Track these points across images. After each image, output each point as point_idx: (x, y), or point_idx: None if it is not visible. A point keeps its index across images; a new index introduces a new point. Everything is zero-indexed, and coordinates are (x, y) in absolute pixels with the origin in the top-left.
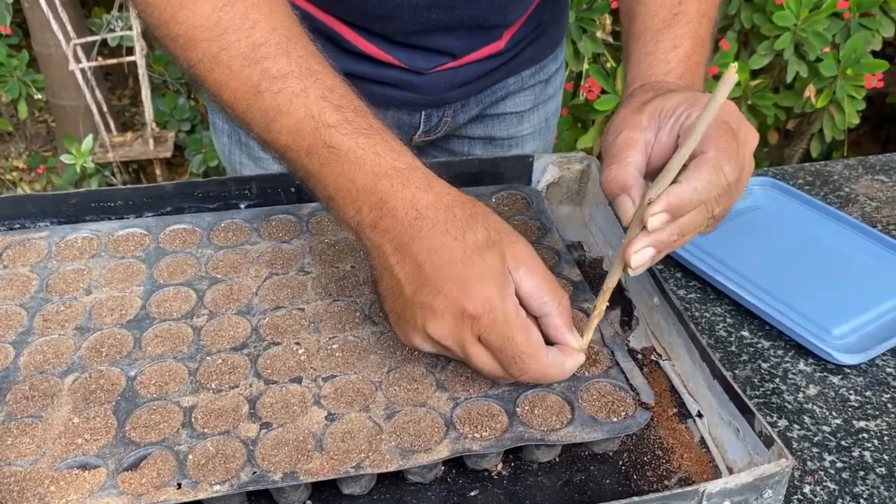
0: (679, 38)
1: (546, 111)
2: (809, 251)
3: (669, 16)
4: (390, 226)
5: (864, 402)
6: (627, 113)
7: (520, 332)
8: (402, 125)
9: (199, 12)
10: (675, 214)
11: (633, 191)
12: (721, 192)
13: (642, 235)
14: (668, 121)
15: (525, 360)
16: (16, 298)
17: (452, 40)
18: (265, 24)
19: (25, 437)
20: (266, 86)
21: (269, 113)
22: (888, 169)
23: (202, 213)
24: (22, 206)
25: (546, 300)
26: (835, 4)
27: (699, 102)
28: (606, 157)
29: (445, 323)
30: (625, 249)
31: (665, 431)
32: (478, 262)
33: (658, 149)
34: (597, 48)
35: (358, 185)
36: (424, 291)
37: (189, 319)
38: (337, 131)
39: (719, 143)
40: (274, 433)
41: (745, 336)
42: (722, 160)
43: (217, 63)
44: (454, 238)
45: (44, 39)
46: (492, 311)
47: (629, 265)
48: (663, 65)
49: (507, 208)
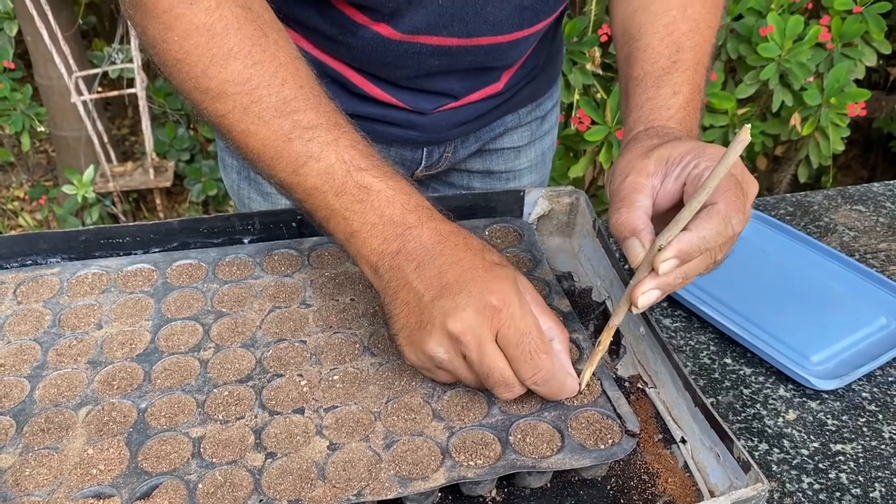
0: (678, 85)
1: (542, 146)
2: (790, 281)
3: (668, 63)
4: (414, 249)
5: (840, 426)
6: (633, 157)
7: (536, 329)
8: (406, 161)
9: (230, 69)
10: (684, 260)
11: (642, 235)
12: (725, 241)
13: (650, 278)
14: (675, 168)
15: (540, 356)
16: (30, 333)
17: (453, 83)
18: (293, 81)
19: (42, 468)
20: (297, 135)
21: (299, 159)
22: (866, 199)
23: (207, 249)
24: (34, 242)
25: (552, 325)
26: (817, 35)
27: (705, 153)
28: (615, 199)
29: (467, 316)
30: (633, 290)
31: (651, 457)
32: (497, 270)
33: (664, 194)
34: (587, 80)
35: (386, 218)
36: (447, 294)
37: (196, 353)
38: (368, 174)
39: (728, 195)
40: (279, 462)
41: (727, 363)
42: (731, 212)
43: (248, 114)
44: (475, 254)
45: (46, 72)
46: (511, 306)
47: (635, 305)
48: (664, 110)
49: (499, 240)
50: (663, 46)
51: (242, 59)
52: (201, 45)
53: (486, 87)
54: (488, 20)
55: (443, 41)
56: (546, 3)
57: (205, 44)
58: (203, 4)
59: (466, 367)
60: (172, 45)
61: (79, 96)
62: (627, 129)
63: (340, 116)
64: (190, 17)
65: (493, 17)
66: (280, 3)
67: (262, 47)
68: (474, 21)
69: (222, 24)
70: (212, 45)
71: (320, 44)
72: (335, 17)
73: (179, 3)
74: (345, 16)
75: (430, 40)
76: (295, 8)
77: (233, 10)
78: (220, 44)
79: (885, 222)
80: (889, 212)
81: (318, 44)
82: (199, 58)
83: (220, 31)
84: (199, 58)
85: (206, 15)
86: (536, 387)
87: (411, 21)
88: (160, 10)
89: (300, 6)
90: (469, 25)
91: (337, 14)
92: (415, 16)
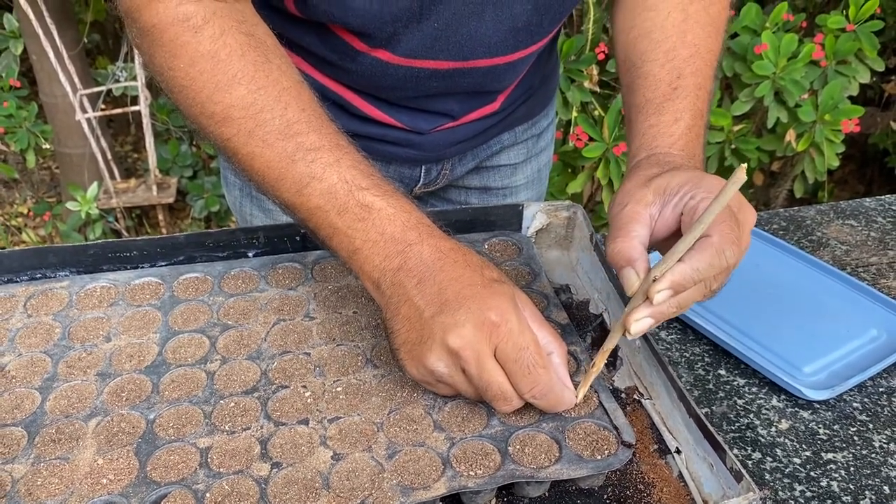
0: (680, 112)
1: (538, 163)
2: (783, 294)
3: (669, 90)
4: (415, 265)
5: (832, 436)
6: (632, 187)
7: (534, 344)
8: (404, 178)
9: (235, 94)
10: (677, 291)
11: (637, 264)
12: (719, 272)
13: (644, 307)
14: (672, 198)
15: (538, 370)
16: (40, 346)
17: (451, 104)
18: (296, 105)
19: (54, 477)
20: (300, 156)
21: (302, 179)
22: (858, 214)
23: (213, 262)
24: (44, 256)
25: (550, 340)
26: (811, 53)
27: (702, 184)
28: (613, 227)
29: (466, 331)
30: (626, 317)
31: (646, 467)
32: (496, 286)
33: (661, 223)
34: (584, 97)
35: (387, 235)
36: (446, 310)
37: (203, 365)
38: (370, 193)
39: (722, 228)
40: (284, 472)
41: (722, 374)
42: (724, 245)
43: (252, 137)
44: (474, 271)
45: (51, 90)
46: (510, 322)
47: (629, 332)
48: (666, 137)
49: (498, 254)
50: (664, 73)
51: (246, 84)
52: (206, 72)
53: (483, 108)
54: (483, 43)
55: (440, 64)
56: (540, 25)
57: (209, 70)
58: (207, 32)
59: (466, 380)
60: (178, 72)
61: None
62: (631, 157)
63: (342, 138)
64: (195, 45)
65: (487, 40)
66: (283, 29)
67: (265, 72)
68: (469, 44)
69: (226, 50)
70: (216, 72)
71: (322, 68)
72: (335, 44)
73: (185, 32)
74: (344, 42)
75: (427, 64)
76: (297, 34)
77: (236, 37)
78: (224, 70)
79: (877, 237)
80: (880, 226)
81: (320, 68)
82: (205, 84)
83: (225, 57)
84: (204, 84)
85: (210, 42)
86: (535, 400)
87: (408, 45)
88: (166, 38)
89: (302, 32)
90: (465, 48)
91: (337, 40)
92: (411, 40)
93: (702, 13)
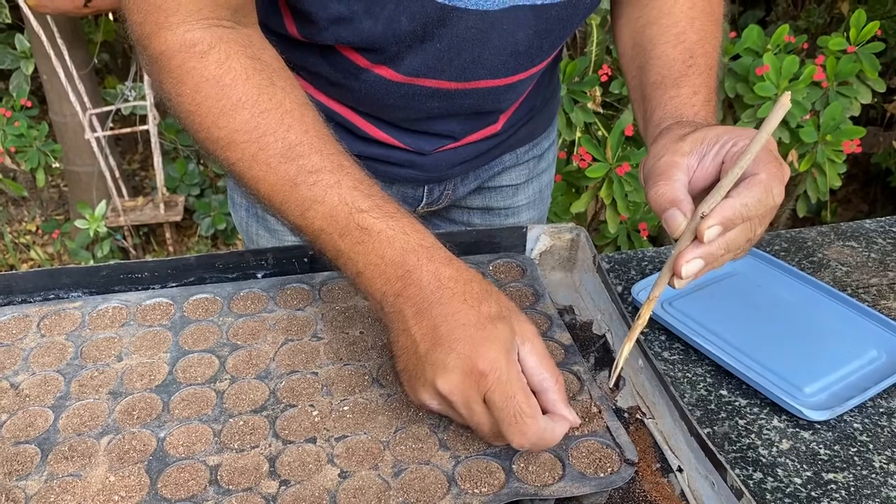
0: (697, 86)
1: (540, 183)
2: (784, 315)
3: (684, 67)
4: (413, 293)
5: (832, 456)
6: (667, 142)
7: (521, 393)
8: (407, 198)
9: (238, 118)
10: (727, 227)
11: (682, 205)
12: (765, 212)
13: (693, 247)
14: (712, 148)
15: (525, 419)
16: (53, 365)
17: (453, 125)
18: (298, 127)
19: (67, 494)
20: (302, 179)
21: (305, 202)
22: (858, 235)
23: (223, 283)
24: (57, 277)
25: (546, 376)
26: (812, 75)
27: (743, 133)
28: (651, 177)
29: (455, 378)
30: (676, 260)
31: (649, 485)
32: (490, 328)
33: (701, 174)
34: (588, 118)
35: (387, 259)
36: (438, 350)
37: (212, 384)
38: (369, 215)
39: (770, 167)
40: (292, 489)
41: (723, 394)
42: (773, 182)
43: (256, 161)
44: (470, 307)
45: (60, 109)
46: (498, 371)
47: (679, 275)
48: (690, 107)
49: (503, 275)
50: (677, 53)
51: (250, 108)
52: (211, 97)
53: (485, 129)
54: (484, 65)
55: (441, 84)
56: (540, 49)
57: (214, 95)
58: (213, 57)
59: (460, 416)
60: (185, 97)
61: (92, 133)
62: (654, 125)
63: (344, 158)
64: (200, 70)
65: (488, 63)
66: (289, 53)
67: (269, 95)
68: (471, 66)
69: (231, 75)
70: (221, 97)
71: (326, 89)
72: (339, 62)
73: (191, 58)
74: (348, 60)
75: (429, 83)
76: (302, 56)
77: (242, 61)
78: (228, 95)
79: (877, 258)
80: (881, 248)
81: (324, 89)
82: (210, 109)
83: (229, 82)
84: (209, 109)
85: (215, 67)
86: (523, 448)
87: (411, 64)
88: (173, 64)
89: (306, 54)
90: (466, 70)
91: (340, 59)
92: (414, 59)
93: (705, 3)
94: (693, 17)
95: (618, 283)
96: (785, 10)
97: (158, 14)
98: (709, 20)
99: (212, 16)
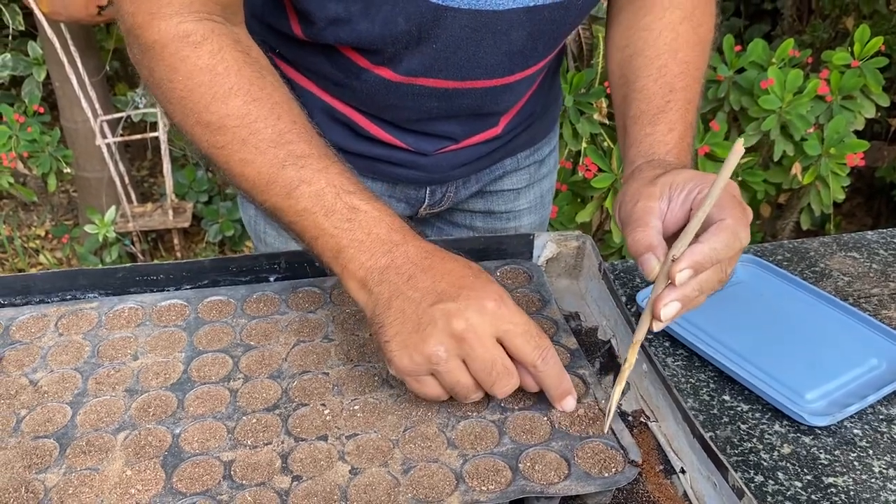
0: (673, 123)
1: (541, 188)
2: (786, 323)
3: (662, 102)
4: (402, 264)
5: (832, 461)
6: (639, 186)
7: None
8: (410, 199)
9: (231, 105)
10: (697, 270)
11: (657, 251)
12: (733, 254)
13: (669, 290)
14: (680, 194)
15: (543, 339)
16: (71, 363)
17: (453, 126)
18: (287, 117)
19: (85, 487)
20: (291, 162)
21: (292, 183)
22: (860, 246)
23: (236, 286)
24: (74, 279)
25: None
26: (816, 89)
27: (707, 181)
28: (629, 222)
29: (470, 315)
30: (654, 303)
31: (652, 486)
32: (485, 276)
33: (670, 218)
34: (594, 129)
35: (374, 236)
36: (445, 298)
37: (226, 383)
38: (356, 196)
39: (734, 212)
40: (304, 485)
41: (726, 400)
42: (738, 227)
43: (245, 144)
44: (462, 266)
45: (72, 116)
46: (508, 305)
47: (658, 318)
48: (662, 145)
49: (510, 281)
50: (657, 87)
51: (243, 96)
52: (204, 84)
53: (485, 132)
54: (480, 64)
55: (439, 83)
56: (535, 50)
57: (207, 82)
58: (206, 48)
59: (462, 368)
60: (177, 84)
61: (103, 139)
62: (628, 163)
63: (329, 150)
64: (194, 59)
65: (484, 62)
66: (295, 53)
67: (259, 86)
68: (467, 65)
69: (224, 65)
70: (214, 84)
71: (330, 89)
72: (341, 63)
73: (185, 47)
74: (350, 60)
75: (427, 82)
76: (307, 56)
77: (233, 54)
78: (221, 83)
79: (878, 269)
80: (882, 259)
81: (328, 89)
82: (202, 95)
83: (222, 71)
84: (201, 95)
85: (209, 57)
86: (542, 363)
87: (409, 64)
88: (167, 53)
89: (311, 54)
90: (463, 69)
91: (342, 59)
92: (412, 59)
93: (691, 33)
94: (676, 49)
95: (622, 292)
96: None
97: (151, 4)
98: (693, 50)
99: (202, 10)
